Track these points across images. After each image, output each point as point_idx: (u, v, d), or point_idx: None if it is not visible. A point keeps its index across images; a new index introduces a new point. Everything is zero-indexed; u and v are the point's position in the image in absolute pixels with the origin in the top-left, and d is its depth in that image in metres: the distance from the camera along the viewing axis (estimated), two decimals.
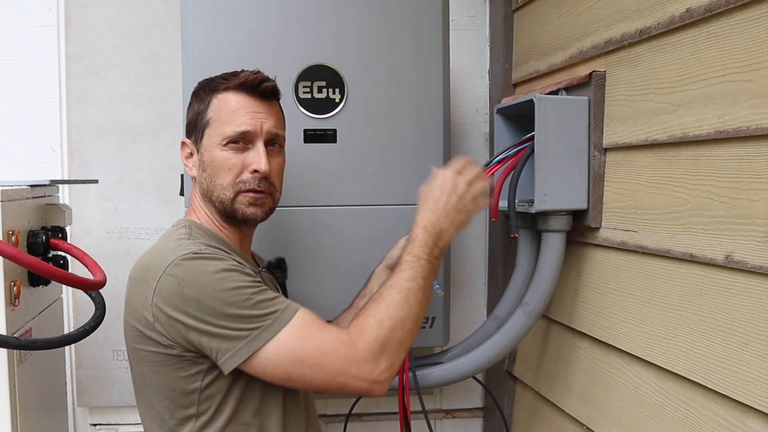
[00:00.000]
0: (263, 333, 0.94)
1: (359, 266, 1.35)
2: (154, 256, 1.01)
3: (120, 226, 1.65)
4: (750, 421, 0.90)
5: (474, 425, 1.83)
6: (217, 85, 1.08)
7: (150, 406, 1.05)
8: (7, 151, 1.64)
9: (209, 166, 1.07)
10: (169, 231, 1.09)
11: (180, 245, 1.00)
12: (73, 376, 1.67)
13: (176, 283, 0.95)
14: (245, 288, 0.96)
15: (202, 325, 0.94)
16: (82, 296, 1.55)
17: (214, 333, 0.94)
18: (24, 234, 1.18)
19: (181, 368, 0.99)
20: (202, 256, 0.97)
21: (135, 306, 1.01)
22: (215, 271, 0.96)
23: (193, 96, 1.12)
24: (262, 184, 1.07)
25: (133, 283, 1.02)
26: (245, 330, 0.94)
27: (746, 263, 0.90)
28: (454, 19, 1.64)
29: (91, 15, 1.62)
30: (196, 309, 0.94)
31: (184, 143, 1.13)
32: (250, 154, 1.06)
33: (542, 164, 1.23)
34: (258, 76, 1.07)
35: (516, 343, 1.32)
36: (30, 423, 1.17)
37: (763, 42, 0.88)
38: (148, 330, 0.99)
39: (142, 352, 1.02)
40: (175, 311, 0.95)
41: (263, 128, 1.07)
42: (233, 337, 0.94)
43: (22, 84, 1.63)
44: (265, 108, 1.08)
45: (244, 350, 0.94)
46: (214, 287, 0.95)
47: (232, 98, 1.06)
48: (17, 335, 1.12)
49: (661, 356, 1.07)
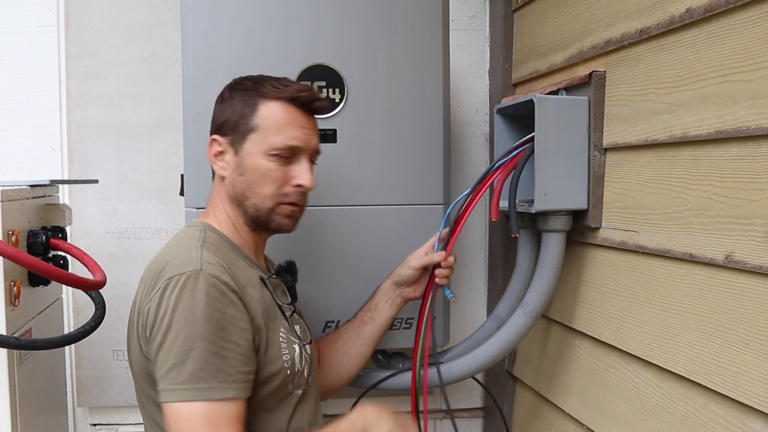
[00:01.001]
0: (183, 392, 0.92)
1: (359, 266, 1.36)
2: (163, 261, 1.01)
3: (120, 226, 1.65)
4: (750, 421, 0.90)
5: (474, 425, 1.83)
6: (267, 92, 1.07)
7: (144, 410, 1.06)
8: (7, 151, 1.64)
9: (249, 171, 1.06)
10: (183, 232, 1.09)
11: (188, 257, 0.99)
12: (73, 376, 1.68)
13: (165, 298, 0.95)
14: (202, 340, 0.93)
15: (157, 344, 0.95)
16: (82, 296, 1.55)
17: (160, 358, 0.94)
18: (24, 234, 1.18)
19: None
20: (200, 283, 0.95)
21: (138, 306, 1.02)
22: (198, 307, 0.94)
23: (233, 94, 1.09)
24: (302, 198, 1.09)
25: (141, 285, 1.03)
26: (172, 377, 0.93)
27: (746, 263, 0.90)
28: (454, 19, 1.64)
29: (91, 15, 1.62)
30: (161, 327, 0.94)
31: (216, 140, 1.10)
32: (295, 168, 1.07)
33: (542, 164, 1.23)
34: (312, 93, 1.09)
35: (516, 343, 1.32)
36: (30, 423, 1.17)
37: (762, 42, 0.88)
38: (135, 332, 1.01)
39: (135, 354, 1.03)
40: (150, 321, 0.96)
41: (310, 145, 1.08)
42: (162, 375, 0.94)
43: (22, 84, 1.64)
44: (312, 124, 1.10)
45: (163, 394, 0.93)
46: (186, 323, 0.93)
47: (283, 109, 1.06)
48: (17, 335, 1.12)
49: (661, 356, 1.08)
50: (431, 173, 1.38)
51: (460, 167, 1.75)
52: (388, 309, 1.30)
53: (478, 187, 1.24)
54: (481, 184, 1.24)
